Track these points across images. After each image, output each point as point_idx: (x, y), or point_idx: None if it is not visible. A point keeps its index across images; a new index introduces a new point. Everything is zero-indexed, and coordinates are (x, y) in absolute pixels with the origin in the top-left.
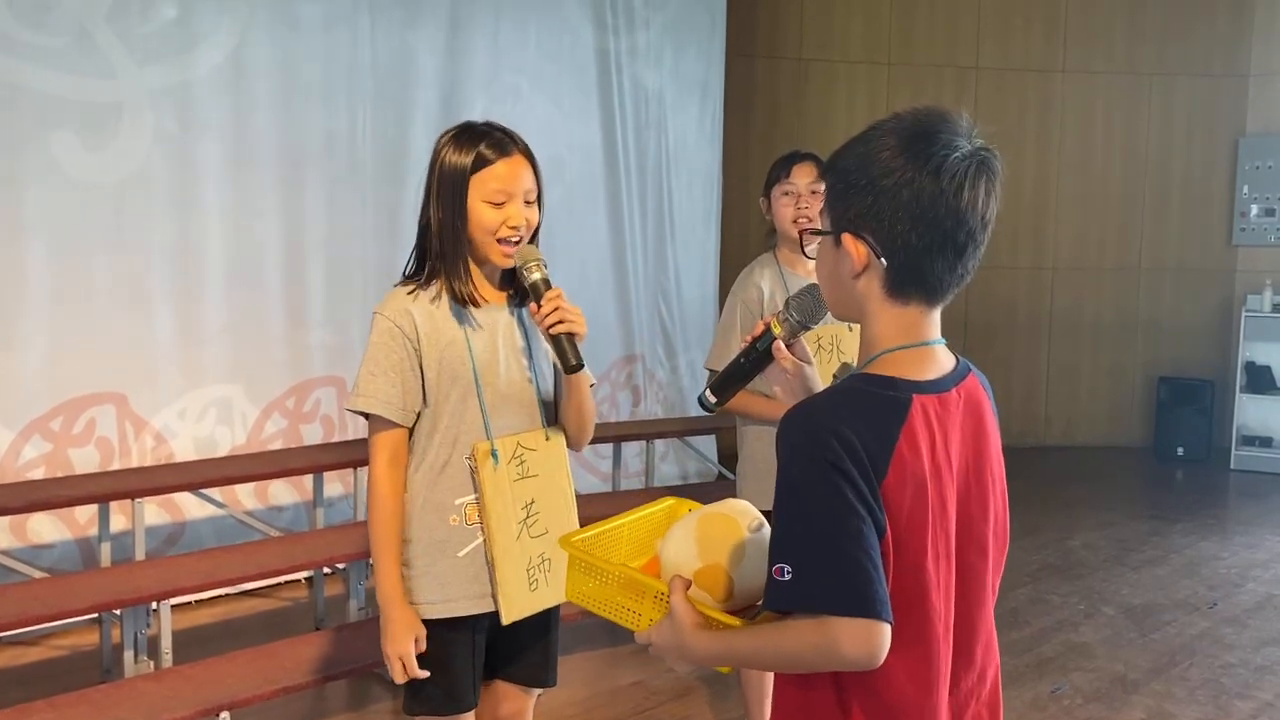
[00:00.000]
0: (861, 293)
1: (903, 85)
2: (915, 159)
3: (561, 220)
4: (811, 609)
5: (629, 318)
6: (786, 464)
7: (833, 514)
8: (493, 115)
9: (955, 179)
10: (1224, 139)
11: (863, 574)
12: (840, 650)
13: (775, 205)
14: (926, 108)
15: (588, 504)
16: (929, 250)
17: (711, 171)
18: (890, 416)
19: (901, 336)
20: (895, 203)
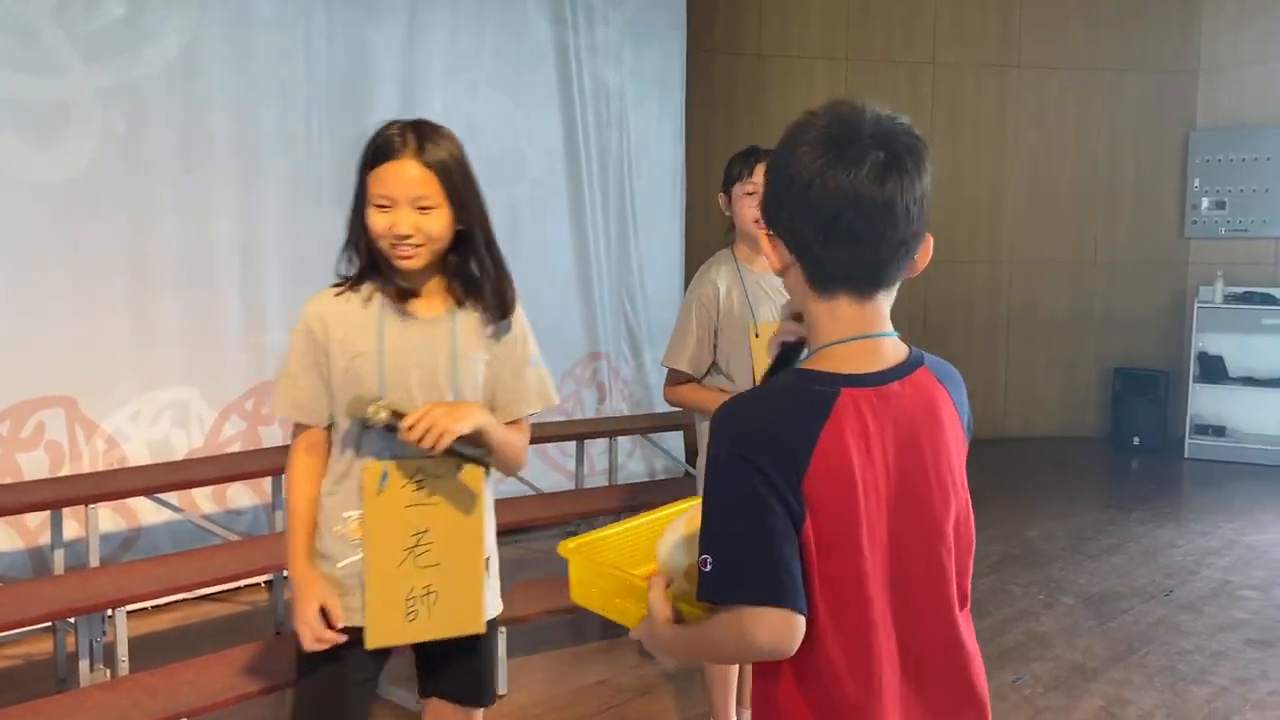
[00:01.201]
0: (794, 289)
1: (861, 81)
2: (810, 158)
3: (524, 217)
4: (727, 600)
5: (593, 315)
6: (709, 457)
7: (743, 508)
8: (452, 111)
9: (844, 172)
10: (1175, 133)
11: (771, 566)
12: (753, 639)
13: (736, 203)
14: (831, 104)
15: (551, 502)
16: (832, 244)
17: (674, 168)
18: (814, 410)
19: (836, 331)
20: (795, 202)
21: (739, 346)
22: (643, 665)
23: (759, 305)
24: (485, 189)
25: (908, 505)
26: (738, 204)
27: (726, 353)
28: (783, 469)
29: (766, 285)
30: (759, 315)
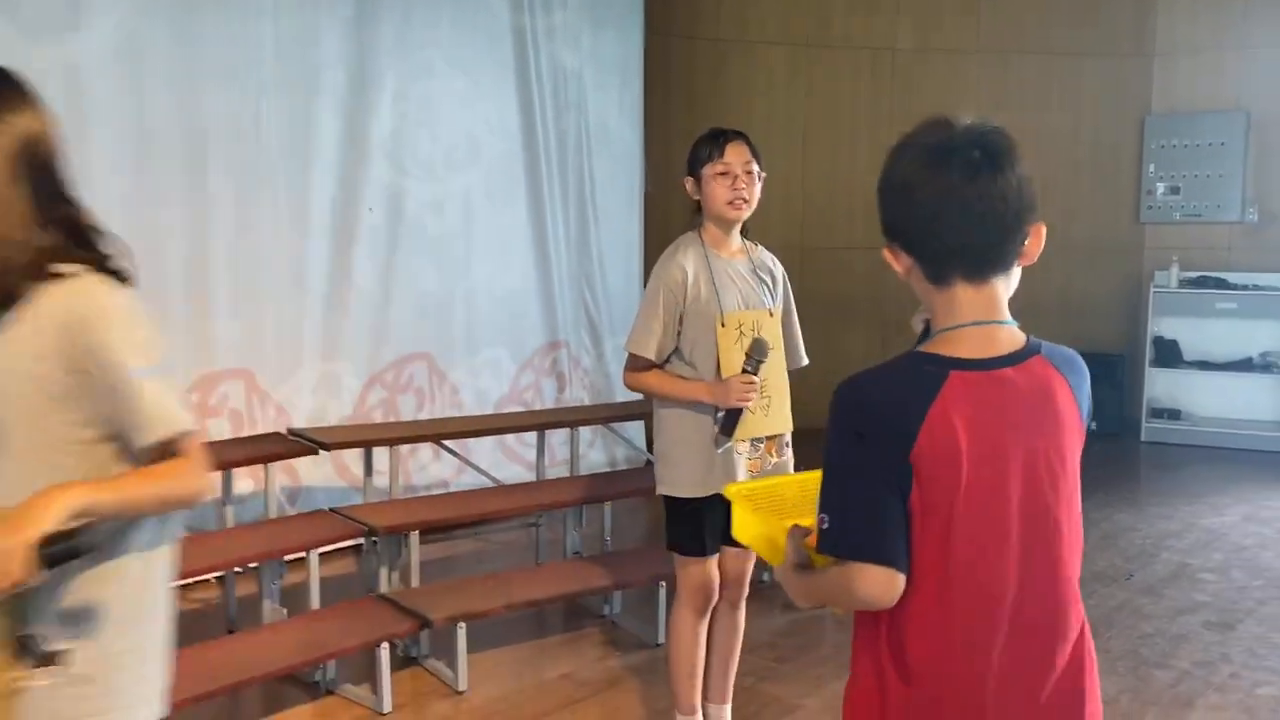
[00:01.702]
0: (917, 287)
1: (820, 67)
2: (911, 168)
3: (480, 201)
4: (838, 554)
5: (552, 303)
6: (828, 426)
7: (855, 475)
8: (405, 94)
9: (940, 174)
10: (1131, 118)
11: (876, 526)
12: (855, 590)
13: (707, 185)
14: (926, 120)
15: (511, 495)
16: (939, 238)
17: (633, 153)
18: (924, 389)
19: (953, 318)
20: (902, 207)
21: (704, 335)
22: (607, 657)
23: (725, 292)
24: (440, 173)
25: (1017, 484)
26: (708, 186)
27: (691, 340)
28: (893, 441)
29: (733, 271)
30: (725, 303)
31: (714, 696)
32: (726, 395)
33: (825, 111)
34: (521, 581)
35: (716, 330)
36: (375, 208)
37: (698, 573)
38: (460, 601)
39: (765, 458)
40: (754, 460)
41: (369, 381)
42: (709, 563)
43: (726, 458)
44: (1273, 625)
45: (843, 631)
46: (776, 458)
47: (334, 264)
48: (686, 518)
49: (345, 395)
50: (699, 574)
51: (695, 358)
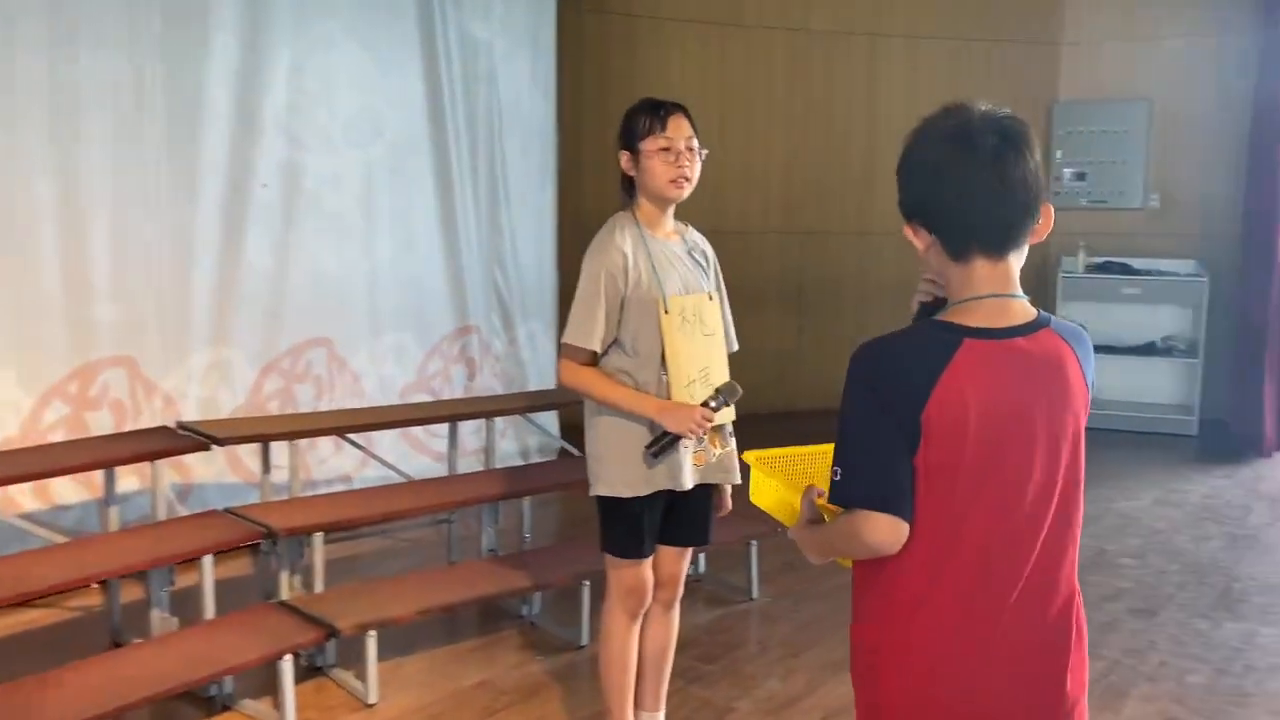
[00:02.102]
0: (935, 262)
1: (735, 46)
2: (937, 151)
3: (384, 179)
4: (847, 504)
5: (461, 286)
6: (846, 385)
7: (867, 429)
8: (302, 65)
9: (976, 163)
10: (1039, 104)
11: (883, 477)
12: (863, 537)
13: (647, 161)
14: (945, 106)
15: (422, 491)
16: (963, 215)
17: (545, 129)
18: (937, 355)
19: (969, 290)
20: (929, 187)
21: (647, 322)
22: (527, 662)
23: (666, 276)
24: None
25: (1031, 447)
26: (648, 162)
27: (633, 329)
28: (905, 401)
29: (670, 253)
30: (667, 288)
31: (647, 703)
32: (682, 421)
33: (740, 92)
34: (435, 583)
35: (659, 317)
36: (270, 183)
37: (633, 575)
38: (369, 607)
39: (709, 450)
40: (699, 453)
41: (264, 369)
42: (645, 564)
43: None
44: (1193, 610)
45: (766, 625)
46: (721, 449)
47: (224, 242)
48: (625, 519)
49: (238, 384)
50: (634, 576)
51: (638, 347)
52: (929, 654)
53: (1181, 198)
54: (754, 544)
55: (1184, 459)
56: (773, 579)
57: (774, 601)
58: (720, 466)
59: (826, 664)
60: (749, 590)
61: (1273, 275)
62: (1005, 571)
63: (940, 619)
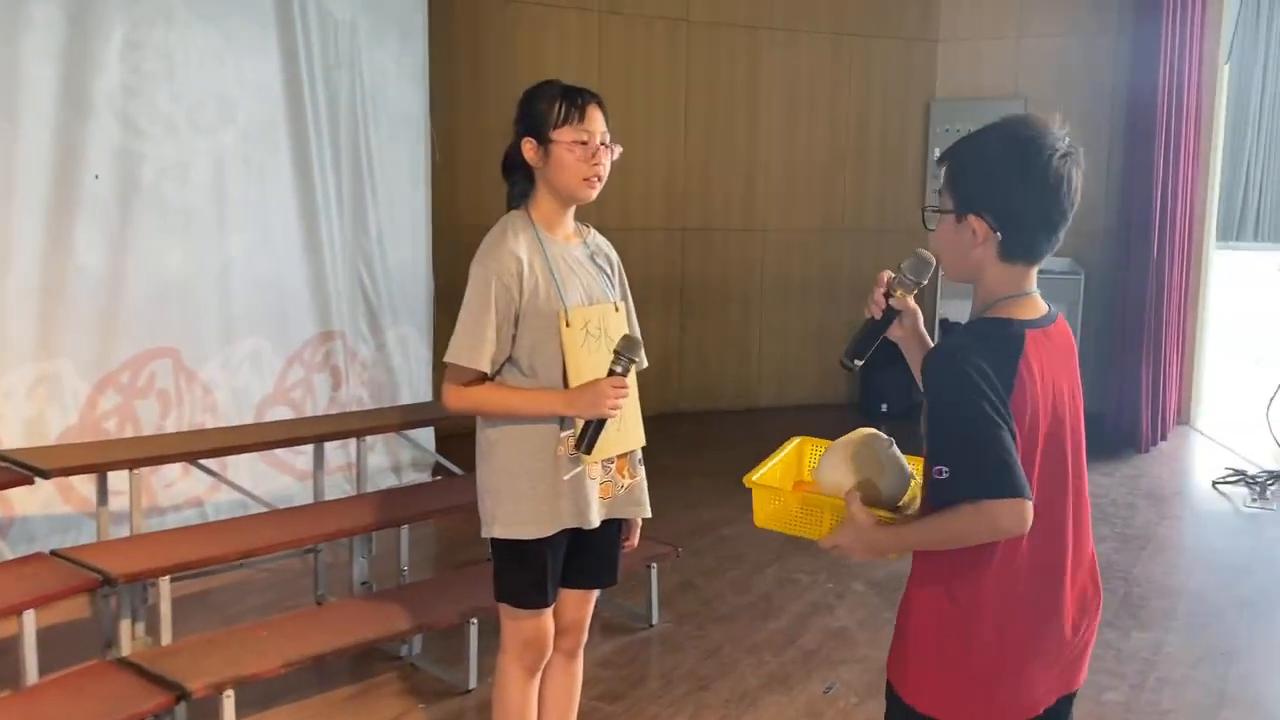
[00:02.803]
0: (979, 257)
1: (614, 35)
2: (1028, 157)
3: (237, 171)
4: (971, 496)
5: (324, 288)
6: (937, 391)
7: (977, 423)
8: (140, 41)
9: (1057, 173)
10: (917, 102)
11: (1006, 465)
12: (998, 524)
13: (559, 154)
14: (1027, 115)
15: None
16: (1036, 227)
17: (416, 118)
18: (1011, 348)
19: (1011, 288)
20: (1012, 191)
21: (547, 338)
22: (408, 711)
23: (567, 285)
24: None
25: (1066, 420)
26: (560, 155)
27: (530, 345)
28: (1000, 392)
29: (570, 259)
30: (568, 298)
31: None
32: (595, 402)
33: (619, 82)
34: (301, 628)
35: (561, 331)
36: (102, 174)
37: (533, 627)
38: (225, 661)
39: (617, 480)
40: (606, 484)
41: (99, 384)
42: (546, 614)
43: (577, 485)
44: (1102, 622)
45: (670, 655)
46: (629, 479)
47: (49, 241)
48: (526, 564)
49: (69, 401)
50: (534, 628)
51: (536, 366)
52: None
53: None
54: (653, 566)
55: None
56: (672, 602)
57: (675, 627)
58: (630, 499)
59: (739, 695)
60: (648, 616)
61: (1149, 273)
62: (1061, 531)
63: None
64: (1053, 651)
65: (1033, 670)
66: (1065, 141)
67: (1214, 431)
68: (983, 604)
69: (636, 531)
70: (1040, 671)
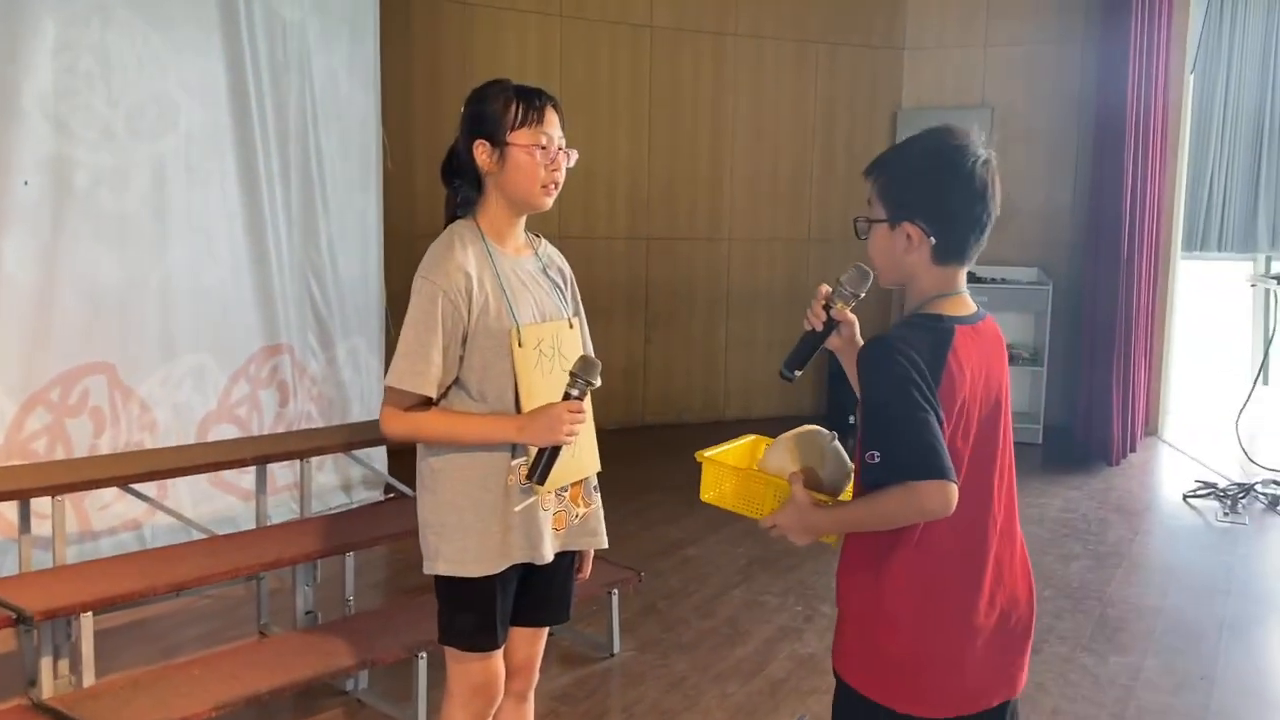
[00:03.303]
0: (913, 262)
1: (576, 39)
2: (955, 164)
3: (177, 180)
4: (899, 478)
5: (271, 300)
6: (870, 382)
7: (906, 411)
8: (73, 41)
9: (981, 178)
10: (883, 110)
11: (933, 449)
12: (924, 504)
13: (516, 158)
14: (949, 126)
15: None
16: (967, 230)
17: (368, 123)
18: (941, 341)
19: (941, 288)
20: (943, 197)
21: (498, 359)
22: None
23: (518, 301)
24: (123, 141)
25: (993, 412)
26: (516, 159)
27: (480, 367)
28: (929, 382)
29: (522, 272)
30: (520, 315)
31: None
32: (550, 428)
33: (582, 89)
34: (238, 665)
35: (513, 351)
36: (31, 180)
37: (482, 670)
38: (152, 703)
39: (571, 509)
40: (559, 513)
41: (26, 403)
42: (496, 656)
43: (528, 516)
44: (1075, 643)
45: (633, 687)
46: (584, 507)
47: None
48: (474, 603)
49: None
50: (484, 672)
51: (486, 390)
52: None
53: (1021, 205)
54: (614, 592)
55: (1033, 468)
56: (634, 629)
57: (638, 655)
58: (585, 529)
59: None
60: (610, 645)
61: (1118, 282)
62: (987, 520)
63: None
64: (981, 641)
65: (962, 658)
66: (985, 150)
67: (1182, 443)
68: (902, 587)
69: (589, 563)
70: (972, 662)
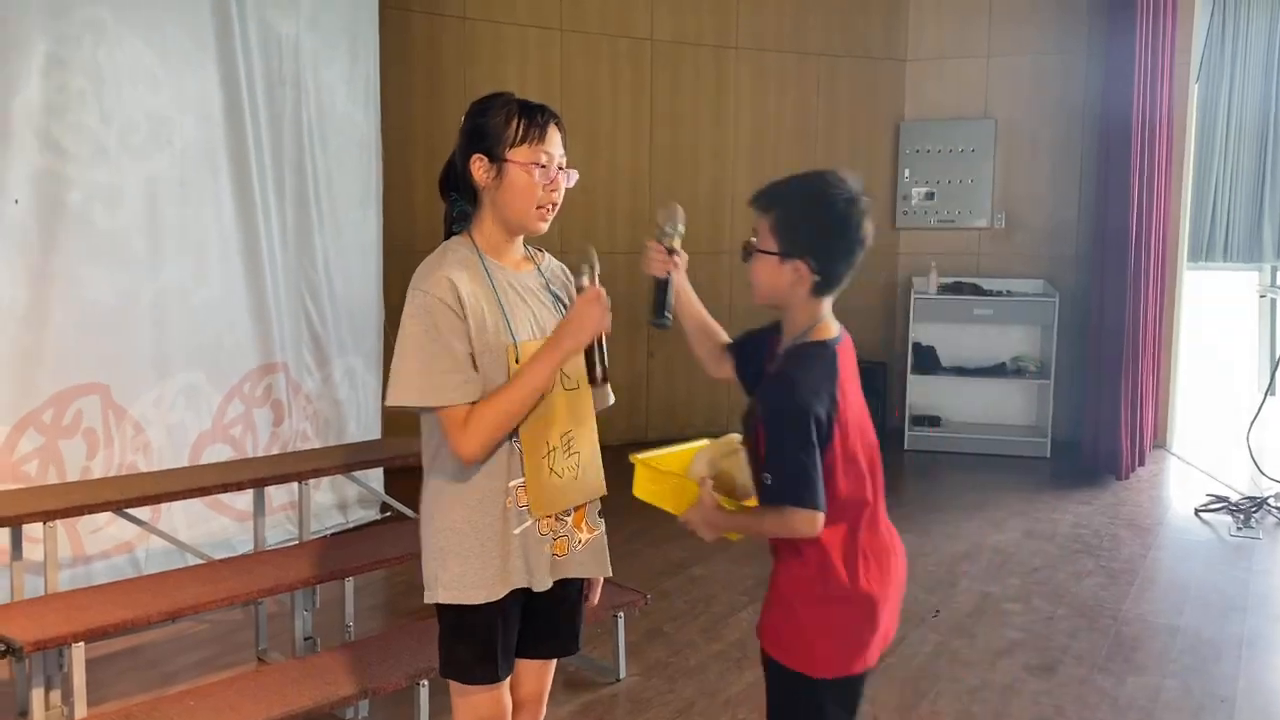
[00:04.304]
0: (795, 293)
1: (576, 54)
2: (847, 218)
3: (170, 197)
4: (781, 503)
5: (266, 318)
6: (776, 415)
7: (797, 446)
8: (65, 58)
9: (861, 227)
10: (886, 122)
11: (810, 484)
12: (795, 527)
13: (514, 176)
14: (836, 173)
15: (220, 576)
16: (845, 271)
17: (367, 140)
18: (832, 367)
19: (815, 317)
20: (834, 245)
21: (497, 375)
22: None
23: (516, 316)
24: (116, 158)
25: (865, 422)
26: (515, 177)
27: (480, 381)
28: (829, 409)
29: (520, 287)
30: (518, 331)
31: None
32: (582, 328)
33: (583, 103)
34: (234, 695)
35: (509, 369)
36: (22, 199)
37: (487, 703)
38: None
39: (574, 535)
40: (561, 539)
41: (19, 424)
42: (502, 688)
43: (528, 542)
44: (1091, 664)
45: (640, 713)
46: (587, 533)
47: None
48: (475, 632)
49: None
50: (488, 705)
51: None
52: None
53: (1027, 217)
54: (620, 616)
55: (1042, 483)
56: (640, 652)
57: (644, 680)
58: (589, 555)
59: None
60: (616, 670)
61: (1124, 294)
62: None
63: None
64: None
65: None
66: (865, 196)
67: (1191, 456)
68: (834, 562)
69: (598, 590)
70: (888, 617)
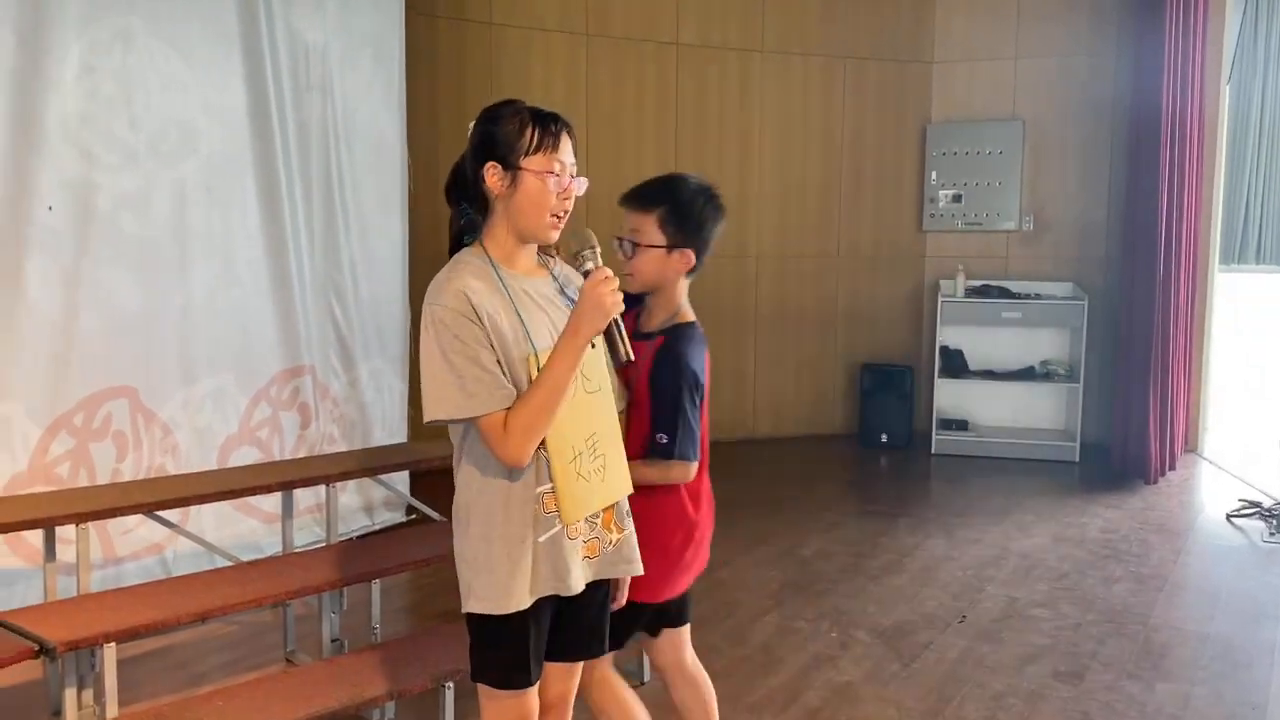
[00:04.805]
0: (674, 277)
1: (602, 58)
2: (716, 210)
3: (198, 202)
4: (674, 457)
5: (293, 321)
6: (667, 382)
7: (688, 410)
8: (96, 65)
9: (719, 214)
10: (913, 125)
11: (695, 440)
12: (682, 475)
13: (527, 185)
14: (698, 175)
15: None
16: (707, 254)
17: (393, 146)
18: (703, 342)
19: (684, 296)
20: (708, 234)
21: (518, 382)
22: None
23: (534, 323)
24: (144, 164)
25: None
26: (528, 185)
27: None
28: (700, 383)
29: (536, 294)
30: (537, 339)
31: None
32: (596, 310)
33: (607, 105)
34: (262, 696)
35: (530, 377)
36: (55, 205)
37: (516, 707)
38: None
39: (603, 536)
40: (591, 541)
41: (51, 427)
42: (531, 694)
43: (555, 548)
44: (1120, 670)
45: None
46: (617, 533)
47: None
48: (508, 638)
49: (19, 446)
50: (517, 710)
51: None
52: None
53: (1055, 219)
54: None
55: (1070, 487)
56: None
57: None
58: (619, 555)
59: None
60: (640, 673)
61: (1154, 296)
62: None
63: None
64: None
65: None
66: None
67: (1223, 460)
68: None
69: (625, 591)
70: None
